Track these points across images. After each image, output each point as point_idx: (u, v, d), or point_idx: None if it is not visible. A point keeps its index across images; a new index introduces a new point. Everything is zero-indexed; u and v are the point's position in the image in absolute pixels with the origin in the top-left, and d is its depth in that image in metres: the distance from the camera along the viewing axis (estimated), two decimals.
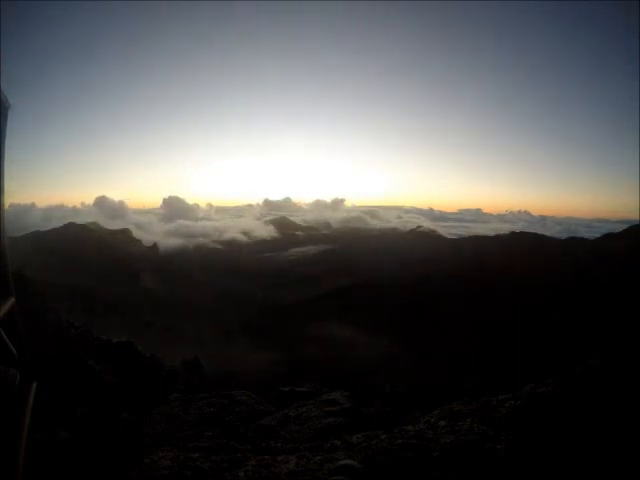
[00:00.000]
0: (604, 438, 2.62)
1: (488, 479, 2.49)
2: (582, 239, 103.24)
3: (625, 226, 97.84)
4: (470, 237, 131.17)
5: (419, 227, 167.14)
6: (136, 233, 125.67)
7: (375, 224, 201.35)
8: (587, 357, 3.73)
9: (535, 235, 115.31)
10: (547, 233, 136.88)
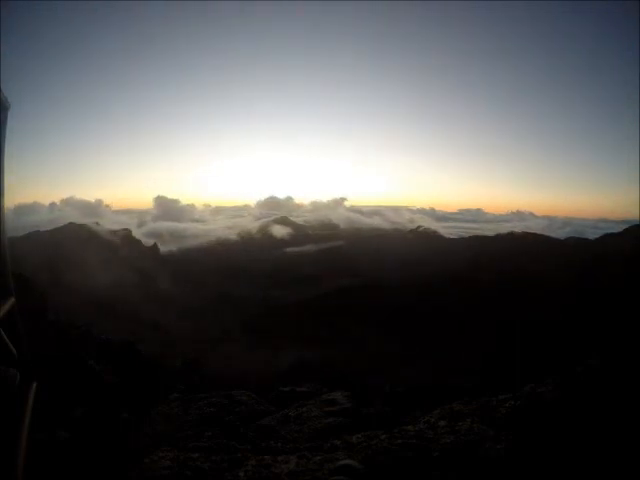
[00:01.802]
0: (604, 438, 2.62)
1: (488, 479, 2.49)
2: (582, 239, 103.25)
3: (626, 226, 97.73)
4: (470, 237, 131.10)
5: (419, 227, 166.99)
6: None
7: (376, 224, 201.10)
8: (587, 357, 3.73)
9: (535, 235, 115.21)
10: (551, 234, 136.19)
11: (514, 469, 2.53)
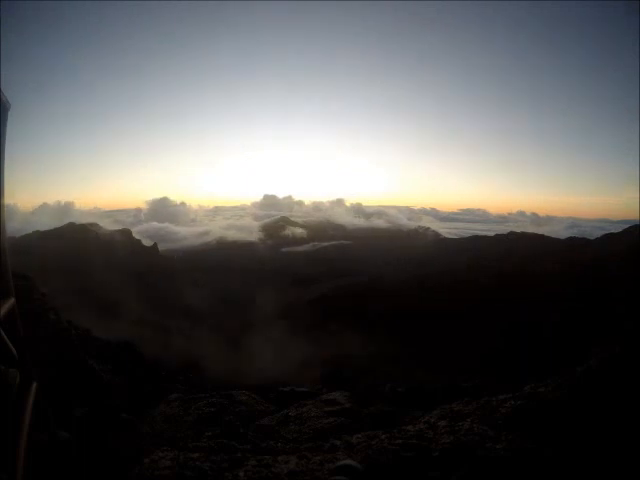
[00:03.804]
0: (605, 438, 2.62)
1: (488, 479, 2.49)
2: (582, 239, 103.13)
3: (626, 226, 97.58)
4: (470, 237, 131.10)
5: (420, 227, 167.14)
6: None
7: (377, 224, 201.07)
8: (587, 357, 3.73)
9: (535, 235, 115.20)
10: (552, 234, 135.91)
11: (514, 469, 2.53)
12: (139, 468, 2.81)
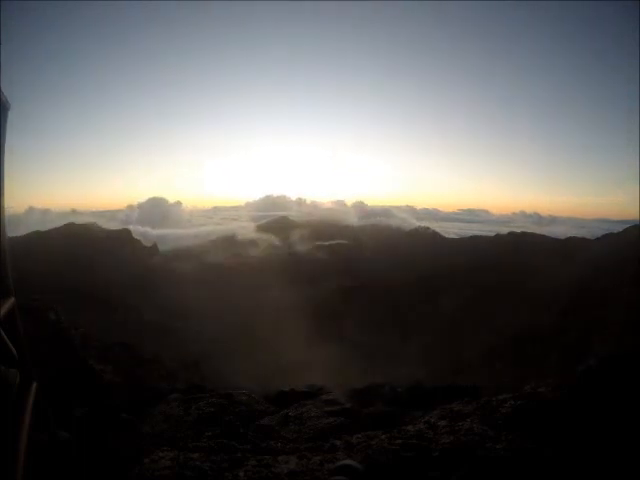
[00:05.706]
0: (604, 438, 2.62)
1: (488, 479, 2.49)
2: (582, 239, 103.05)
3: (626, 226, 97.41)
4: (471, 237, 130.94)
5: (421, 227, 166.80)
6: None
7: (377, 223, 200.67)
8: (587, 357, 3.73)
9: (535, 235, 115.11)
10: (552, 234, 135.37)
11: (514, 469, 2.53)
12: (139, 468, 2.81)
